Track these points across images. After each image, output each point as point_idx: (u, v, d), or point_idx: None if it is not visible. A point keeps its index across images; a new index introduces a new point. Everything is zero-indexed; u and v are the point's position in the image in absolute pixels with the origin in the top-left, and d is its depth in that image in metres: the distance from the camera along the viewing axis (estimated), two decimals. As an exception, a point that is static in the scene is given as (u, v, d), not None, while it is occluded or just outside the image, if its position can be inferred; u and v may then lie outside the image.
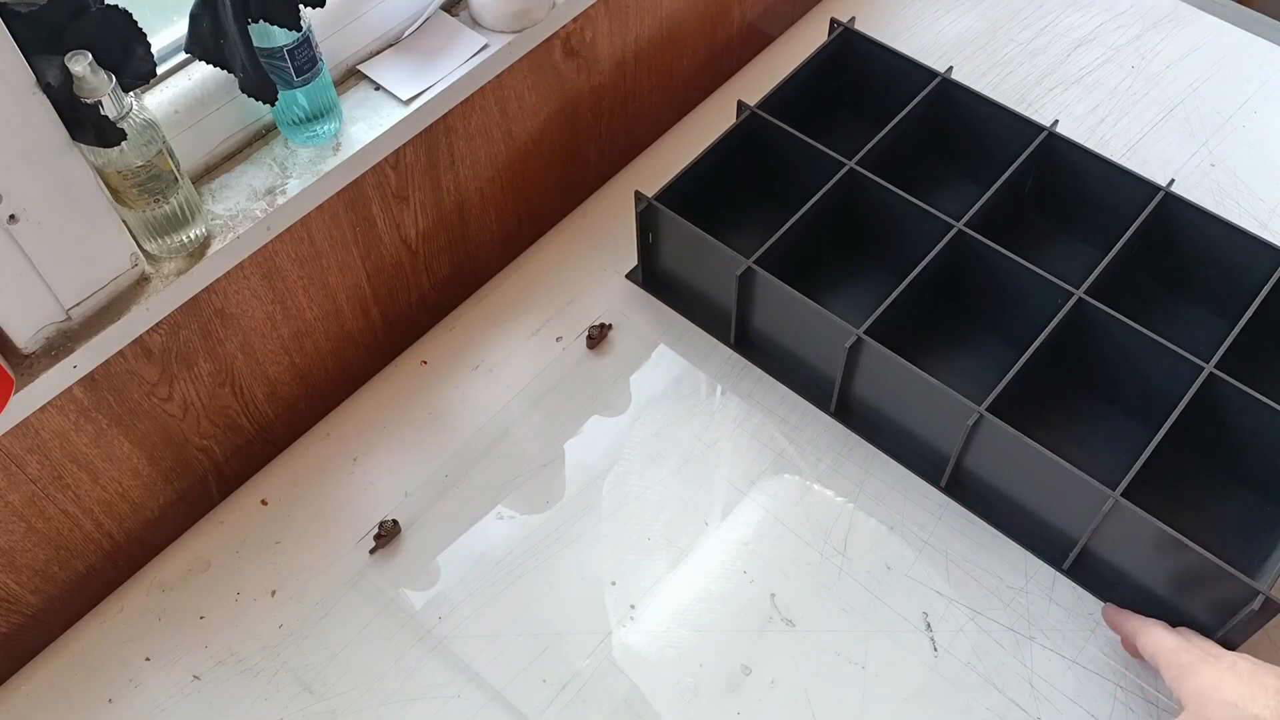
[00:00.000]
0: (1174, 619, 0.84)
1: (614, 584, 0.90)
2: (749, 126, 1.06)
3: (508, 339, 1.05)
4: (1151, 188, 1.00)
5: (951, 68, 1.08)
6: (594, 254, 1.11)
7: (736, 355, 1.03)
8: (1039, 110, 1.20)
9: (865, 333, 0.91)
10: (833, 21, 1.12)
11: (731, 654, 0.86)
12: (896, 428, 0.96)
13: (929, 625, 0.88)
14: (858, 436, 0.97)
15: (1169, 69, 1.24)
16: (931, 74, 1.08)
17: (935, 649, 0.86)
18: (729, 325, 1.02)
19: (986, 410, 0.86)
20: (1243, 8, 1.30)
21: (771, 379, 1.01)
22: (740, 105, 1.06)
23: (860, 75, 1.14)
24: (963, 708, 0.84)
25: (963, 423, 0.87)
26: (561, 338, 1.05)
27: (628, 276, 1.09)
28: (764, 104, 1.06)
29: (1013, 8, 1.31)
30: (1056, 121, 1.04)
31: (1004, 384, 0.88)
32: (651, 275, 1.08)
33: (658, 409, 0.99)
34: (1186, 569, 0.81)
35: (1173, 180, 1.00)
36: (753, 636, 0.87)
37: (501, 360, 1.04)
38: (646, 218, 1.01)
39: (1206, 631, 0.83)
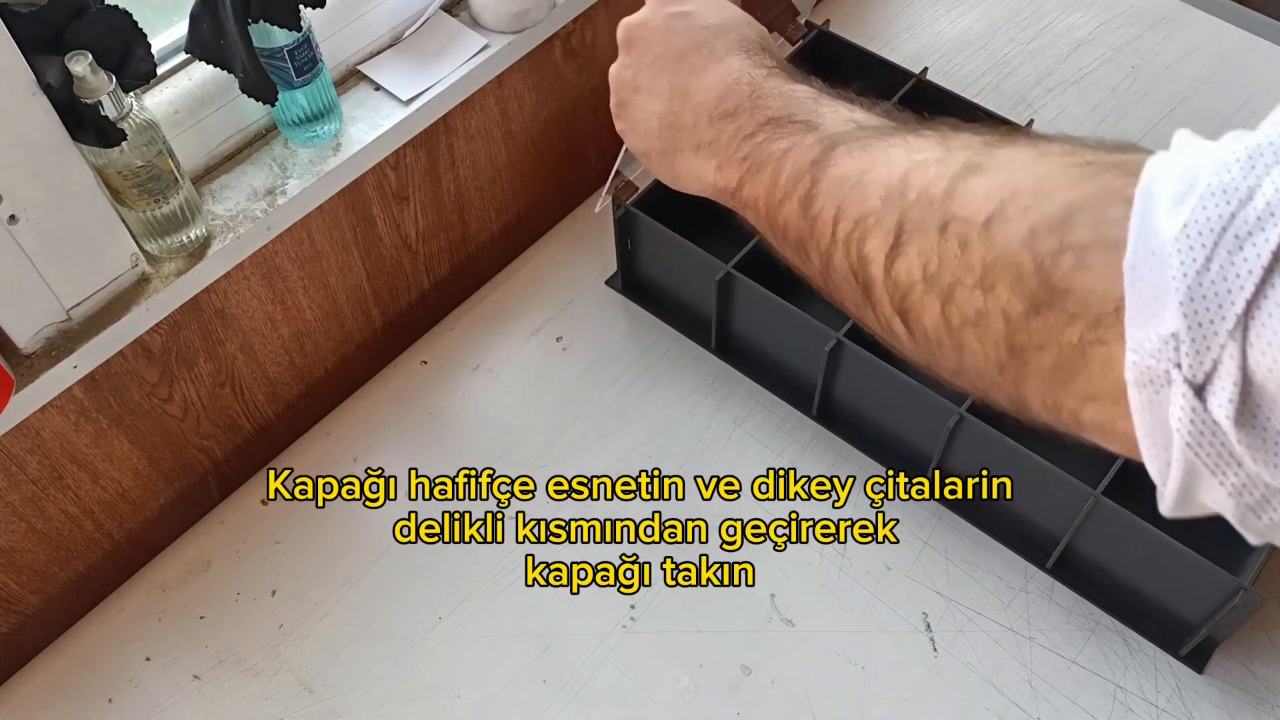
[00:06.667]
0: (1158, 615, 0.85)
1: (615, 584, 0.90)
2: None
3: (508, 339, 1.05)
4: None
5: (926, 69, 1.07)
6: (594, 254, 1.11)
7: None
8: (1039, 111, 1.20)
9: (845, 336, 0.90)
10: (806, 24, 1.11)
11: (731, 654, 0.86)
12: (879, 430, 0.96)
13: (929, 625, 0.88)
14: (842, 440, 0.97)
15: (1169, 69, 1.24)
16: (908, 75, 1.07)
17: (935, 649, 0.86)
18: (709, 331, 1.01)
19: (966, 411, 0.86)
20: (1243, 8, 1.30)
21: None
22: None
23: (836, 78, 1.13)
24: (962, 708, 0.84)
25: (944, 424, 0.87)
26: (561, 338, 1.05)
27: (607, 283, 1.08)
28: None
29: (1013, 8, 1.31)
30: (1031, 121, 1.04)
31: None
32: (631, 281, 1.07)
33: (655, 411, 0.99)
34: (1168, 565, 0.81)
35: (1173, 180, 1.00)
36: (753, 636, 0.87)
37: (501, 360, 1.04)
38: (625, 224, 1.01)
39: (1191, 627, 0.83)
